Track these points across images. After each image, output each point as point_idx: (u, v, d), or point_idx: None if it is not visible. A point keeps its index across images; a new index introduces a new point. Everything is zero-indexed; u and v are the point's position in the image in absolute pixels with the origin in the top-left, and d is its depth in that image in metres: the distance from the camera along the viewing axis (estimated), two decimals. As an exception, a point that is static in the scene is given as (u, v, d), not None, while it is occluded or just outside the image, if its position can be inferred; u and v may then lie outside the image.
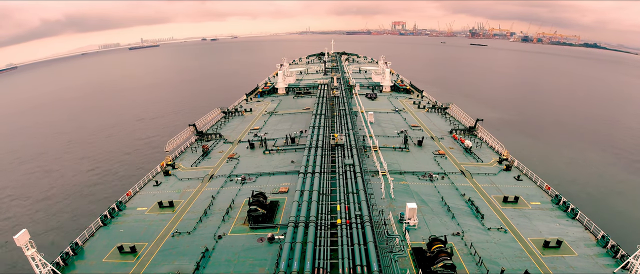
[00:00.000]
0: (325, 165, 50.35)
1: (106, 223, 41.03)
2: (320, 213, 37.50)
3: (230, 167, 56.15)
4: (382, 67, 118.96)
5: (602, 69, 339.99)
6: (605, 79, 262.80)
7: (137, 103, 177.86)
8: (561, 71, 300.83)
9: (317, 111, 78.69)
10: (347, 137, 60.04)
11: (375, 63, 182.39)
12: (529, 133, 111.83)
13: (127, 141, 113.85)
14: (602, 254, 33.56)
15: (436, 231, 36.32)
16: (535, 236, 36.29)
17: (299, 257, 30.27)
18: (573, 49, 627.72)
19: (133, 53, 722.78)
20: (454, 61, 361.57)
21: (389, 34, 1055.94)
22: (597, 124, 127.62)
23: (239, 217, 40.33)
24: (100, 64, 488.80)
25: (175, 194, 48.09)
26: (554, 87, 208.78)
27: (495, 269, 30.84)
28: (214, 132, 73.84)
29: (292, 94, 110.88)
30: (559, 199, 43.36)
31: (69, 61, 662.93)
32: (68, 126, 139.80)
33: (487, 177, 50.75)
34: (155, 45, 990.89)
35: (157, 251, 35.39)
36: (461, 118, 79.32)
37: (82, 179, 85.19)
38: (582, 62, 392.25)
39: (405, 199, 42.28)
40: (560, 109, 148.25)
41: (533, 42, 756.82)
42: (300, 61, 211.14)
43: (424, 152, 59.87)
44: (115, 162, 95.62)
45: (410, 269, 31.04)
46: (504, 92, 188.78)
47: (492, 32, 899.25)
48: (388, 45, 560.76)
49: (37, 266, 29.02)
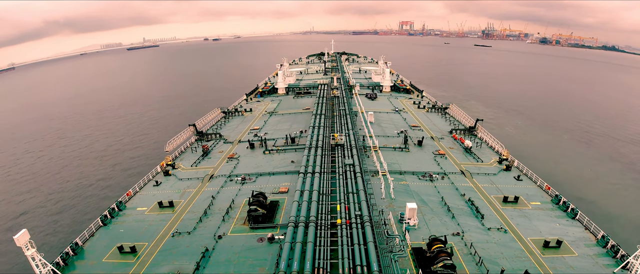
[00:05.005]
0: (325, 165, 50.37)
1: (106, 223, 41.04)
2: (320, 213, 37.52)
3: (230, 167, 56.16)
4: (382, 67, 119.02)
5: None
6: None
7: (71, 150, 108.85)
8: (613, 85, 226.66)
9: (317, 111, 78.72)
10: (347, 137, 60.05)
11: (375, 63, 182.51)
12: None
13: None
14: (602, 254, 33.57)
15: (436, 231, 36.33)
16: (535, 236, 36.30)
17: (299, 257, 30.28)
18: (592, 52, 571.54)
19: (131, 54, 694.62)
20: (449, 65, 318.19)
21: (397, 35, 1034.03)
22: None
23: (239, 217, 40.34)
24: (85, 68, 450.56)
25: (175, 194, 48.10)
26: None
27: (495, 269, 30.84)
28: (214, 132, 73.87)
29: (292, 94, 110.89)
30: (559, 199, 43.36)
31: (64, 62, 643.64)
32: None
33: (487, 177, 50.76)
34: (155, 46, 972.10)
35: (157, 251, 35.40)
36: (461, 118, 79.32)
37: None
38: (615, 69, 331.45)
39: (405, 199, 42.29)
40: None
41: (552, 44, 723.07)
42: (300, 61, 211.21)
43: (424, 152, 59.88)
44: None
45: (410, 269, 31.05)
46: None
47: (504, 32, 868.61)
48: (395, 47, 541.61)
49: (37, 266, 29.01)
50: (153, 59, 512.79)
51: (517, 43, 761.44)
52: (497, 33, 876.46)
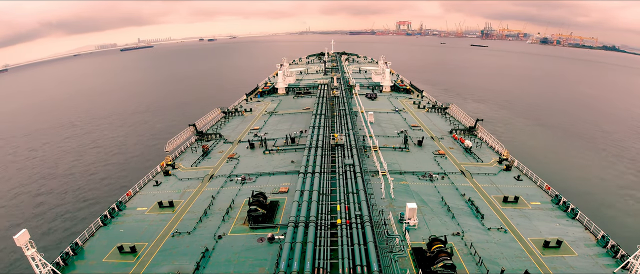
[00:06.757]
0: (325, 165, 50.37)
1: (106, 223, 41.03)
2: (320, 213, 37.52)
3: (230, 167, 56.16)
4: (382, 67, 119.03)
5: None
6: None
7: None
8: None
9: (317, 111, 78.73)
10: (347, 137, 60.05)
11: (375, 63, 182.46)
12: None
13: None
14: (602, 254, 33.55)
15: (436, 231, 36.32)
16: (535, 236, 36.29)
17: (299, 257, 30.27)
18: (595, 53, 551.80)
19: (124, 55, 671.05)
20: (442, 67, 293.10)
21: (395, 35, 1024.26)
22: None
23: (239, 217, 40.33)
24: (69, 71, 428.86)
25: (175, 194, 48.09)
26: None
27: (495, 269, 30.83)
28: (214, 132, 73.86)
29: (292, 94, 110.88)
30: (559, 199, 43.36)
31: (57, 64, 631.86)
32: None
33: (487, 177, 50.75)
34: (149, 46, 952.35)
35: (157, 251, 35.39)
36: (461, 118, 79.31)
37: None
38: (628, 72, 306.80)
39: (405, 199, 42.28)
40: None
41: (552, 45, 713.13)
42: (300, 61, 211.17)
43: (424, 152, 59.87)
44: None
45: (410, 269, 31.03)
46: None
47: (503, 33, 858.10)
48: (392, 47, 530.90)
49: (37, 266, 29.00)
50: (154, 61, 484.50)
51: (517, 43, 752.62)
52: (496, 33, 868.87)
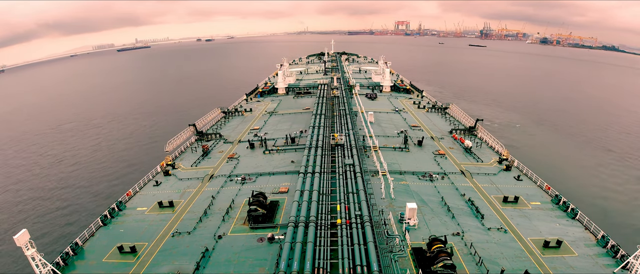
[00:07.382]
0: (325, 165, 50.36)
1: (106, 223, 41.04)
2: (320, 213, 37.52)
3: (230, 167, 56.16)
4: (382, 67, 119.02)
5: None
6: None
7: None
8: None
9: (317, 111, 78.72)
10: (347, 137, 60.04)
11: (375, 63, 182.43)
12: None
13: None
14: (602, 254, 33.56)
15: (436, 231, 36.32)
16: (535, 236, 36.29)
17: (299, 257, 30.28)
18: (596, 53, 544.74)
19: (121, 56, 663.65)
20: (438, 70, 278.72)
21: (393, 35, 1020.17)
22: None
23: (239, 217, 40.33)
24: (58, 74, 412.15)
25: (175, 194, 48.09)
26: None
27: (495, 269, 30.84)
28: (214, 132, 73.85)
29: (292, 94, 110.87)
30: (559, 199, 43.36)
31: (52, 64, 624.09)
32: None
33: (487, 177, 50.75)
34: (147, 47, 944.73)
35: (157, 251, 35.39)
36: (461, 118, 79.30)
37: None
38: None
39: (405, 199, 42.29)
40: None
41: (552, 45, 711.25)
42: (300, 61, 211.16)
43: (424, 152, 59.87)
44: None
45: (410, 269, 31.04)
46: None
47: (502, 32, 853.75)
48: (391, 47, 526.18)
49: (37, 266, 29.01)
50: (146, 64, 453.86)
51: (517, 43, 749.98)
52: (495, 33, 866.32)
